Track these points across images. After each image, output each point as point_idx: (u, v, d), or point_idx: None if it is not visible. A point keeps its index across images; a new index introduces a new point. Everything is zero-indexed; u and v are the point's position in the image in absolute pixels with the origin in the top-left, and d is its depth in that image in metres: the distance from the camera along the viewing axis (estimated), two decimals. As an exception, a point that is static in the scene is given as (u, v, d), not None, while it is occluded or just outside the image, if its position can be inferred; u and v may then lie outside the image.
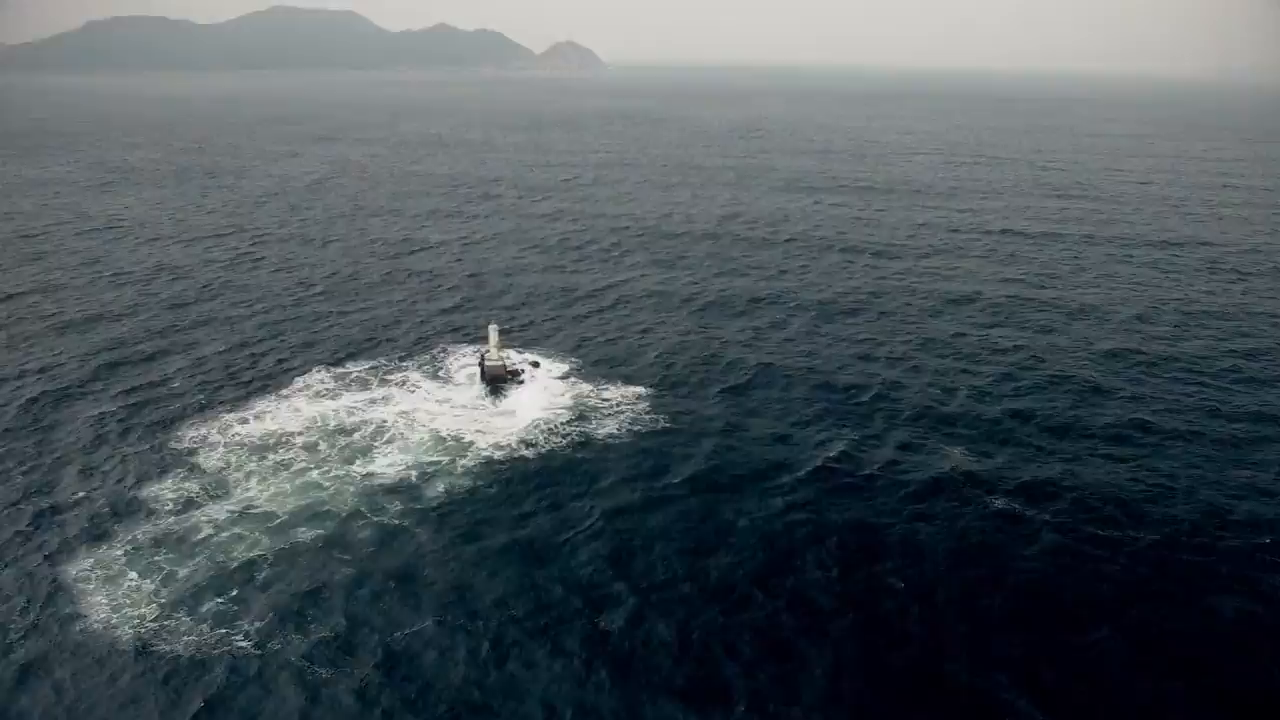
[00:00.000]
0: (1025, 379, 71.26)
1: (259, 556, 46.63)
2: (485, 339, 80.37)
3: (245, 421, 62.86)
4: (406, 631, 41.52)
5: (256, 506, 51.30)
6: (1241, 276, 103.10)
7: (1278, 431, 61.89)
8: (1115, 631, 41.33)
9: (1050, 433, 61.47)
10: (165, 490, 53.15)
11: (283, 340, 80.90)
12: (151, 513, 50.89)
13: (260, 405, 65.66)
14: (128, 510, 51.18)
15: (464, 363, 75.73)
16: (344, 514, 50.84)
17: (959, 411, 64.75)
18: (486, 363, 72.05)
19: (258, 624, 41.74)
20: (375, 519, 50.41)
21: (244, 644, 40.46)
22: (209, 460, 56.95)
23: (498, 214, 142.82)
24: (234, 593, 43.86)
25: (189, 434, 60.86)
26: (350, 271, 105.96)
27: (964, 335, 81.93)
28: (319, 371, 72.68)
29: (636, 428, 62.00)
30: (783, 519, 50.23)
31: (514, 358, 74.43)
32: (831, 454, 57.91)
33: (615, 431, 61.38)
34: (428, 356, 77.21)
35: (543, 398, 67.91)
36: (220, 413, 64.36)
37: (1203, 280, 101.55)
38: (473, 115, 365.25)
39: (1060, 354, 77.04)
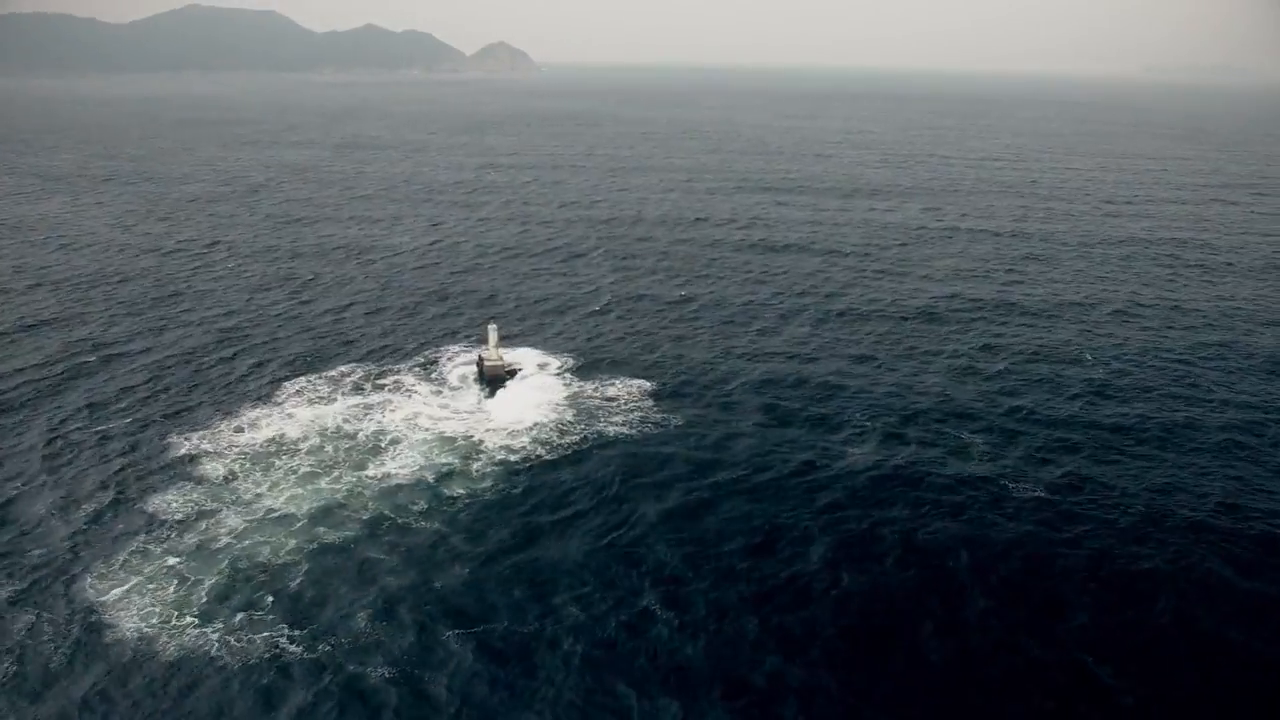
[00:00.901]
0: (1027, 373, 72.46)
1: (291, 562, 44.76)
2: (475, 340, 78.82)
3: (241, 430, 60.11)
4: (476, 630, 40.32)
5: (276, 512, 49.16)
6: (1206, 271, 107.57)
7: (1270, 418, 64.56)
8: (1167, 603, 42.77)
9: (1063, 423, 62.61)
10: (174, 502, 50.48)
11: (264, 347, 77.73)
12: (170, 525, 48.27)
13: (254, 414, 62.91)
14: (142, 525, 48.40)
15: (457, 363, 74.07)
16: (366, 518, 49.09)
17: (971, 405, 65.56)
18: (485, 363, 70.56)
19: (316, 629, 40.10)
20: (402, 521, 48.87)
21: (302, 649, 38.78)
22: (214, 470, 54.31)
23: (464, 216, 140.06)
24: (280, 599, 42.02)
25: (185, 444, 57.95)
26: (324, 275, 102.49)
27: (960, 332, 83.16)
28: (308, 377, 70.06)
29: (648, 427, 61.37)
30: (829, 515, 50.18)
31: (508, 357, 73.11)
32: (857, 450, 58.11)
33: (627, 430, 60.63)
34: (420, 359, 75.23)
35: (545, 397, 66.74)
36: (214, 422, 61.43)
37: (1168, 274, 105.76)
38: (412, 117, 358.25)
39: (1055, 347, 78.78)
